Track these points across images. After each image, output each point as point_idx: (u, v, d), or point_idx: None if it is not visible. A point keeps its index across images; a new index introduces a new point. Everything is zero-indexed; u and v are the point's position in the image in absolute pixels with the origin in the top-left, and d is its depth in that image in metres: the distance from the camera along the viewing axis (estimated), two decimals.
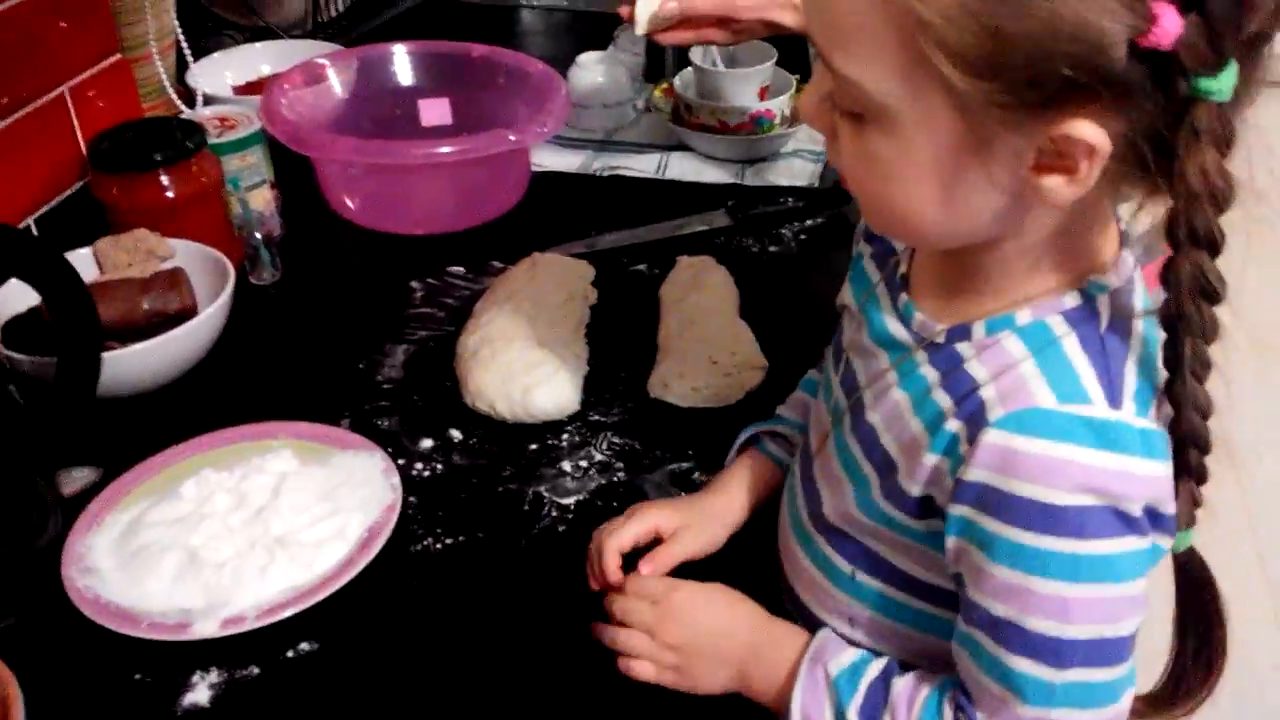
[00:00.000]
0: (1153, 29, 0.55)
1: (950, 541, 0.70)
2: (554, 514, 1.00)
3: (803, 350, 1.04)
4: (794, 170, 1.53)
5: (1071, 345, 0.67)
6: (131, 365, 1.08)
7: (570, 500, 1.01)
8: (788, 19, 1.28)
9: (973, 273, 0.72)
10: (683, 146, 1.58)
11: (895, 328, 0.76)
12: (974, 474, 0.67)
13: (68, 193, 1.33)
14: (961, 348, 0.71)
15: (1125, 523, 0.65)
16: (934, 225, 0.67)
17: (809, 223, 1.42)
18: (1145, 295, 0.71)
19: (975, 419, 0.67)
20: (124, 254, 1.19)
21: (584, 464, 1.05)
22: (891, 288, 0.79)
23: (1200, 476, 0.67)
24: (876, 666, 0.78)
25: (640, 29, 1.29)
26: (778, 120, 1.54)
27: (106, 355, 1.02)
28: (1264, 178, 0.61)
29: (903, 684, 0.76)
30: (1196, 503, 0.68)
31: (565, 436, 1.08)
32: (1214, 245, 0.60)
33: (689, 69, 1.59)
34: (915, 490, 0.72)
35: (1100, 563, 0.65)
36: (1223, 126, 0.58)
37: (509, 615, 0.91)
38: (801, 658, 0.80)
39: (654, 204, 1.45)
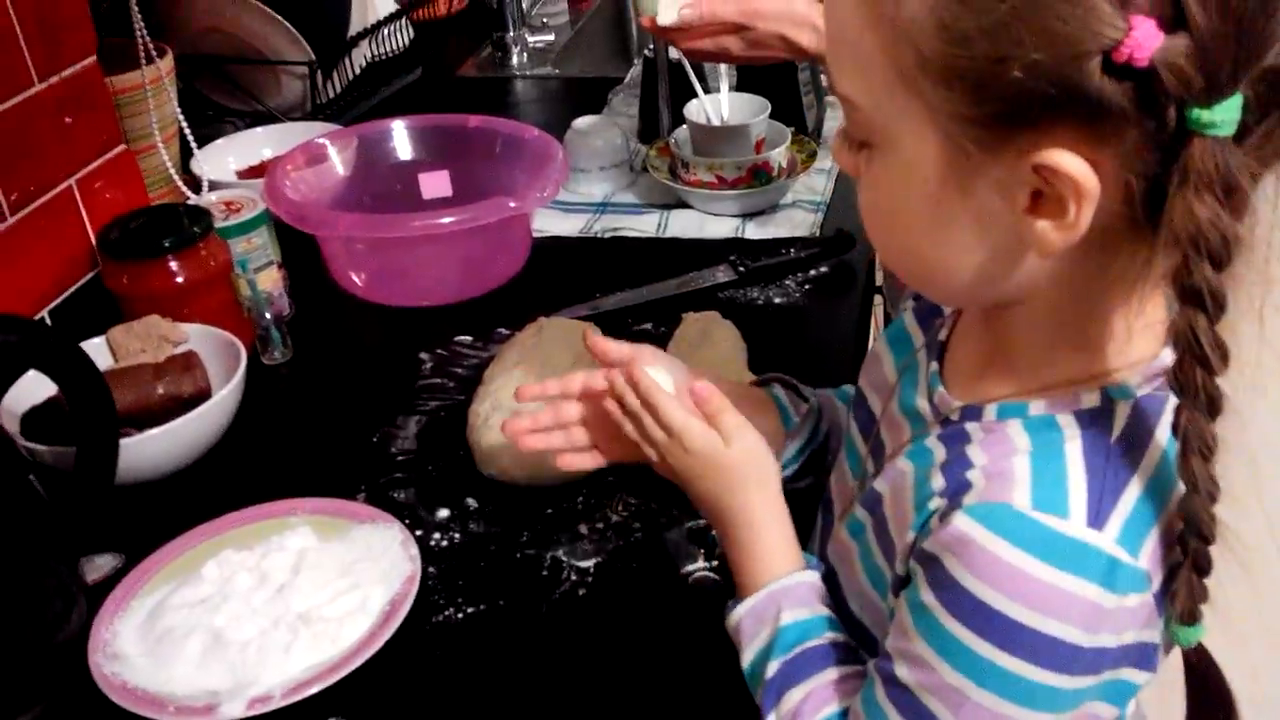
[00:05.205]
0: (1125, 41, 0.51)
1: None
2: (573, 578, 1.00)
3: None
4: (795, 221, 1.54)
5: (1074, 450, 0.63)
6: (149, 450, 1.09)
7: (589, 563, 1.01)
8: (805, 39, 1.28)
9: (998, 344, 0.70)
10: (682, 204, 1.59)
11: (920, 402, 0.75)
12: (930, 545, 0.65)
13: (80, 283, 1.35)
14: (971, 428, 0.69)
15: (1053, 653, 0.61)
16: (940, 269, 0.65)
17: (813, 272, 1.42)
18: None
19: (955, 500, 0.65)
20: (137, 341, 1.20)
21: (601, 525, 1.05)
22: (930, 353, 0.77)
23: (1201, 567, 0.61)
24: (825, 639, 0.78)
25: (664, 19, 1.29)
26: (775, 172, 1.55)
27: (124, 442, 1.03)
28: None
29: (833, 676, 0.76)
30: (1198, 598, 0.61)
31: (581, 498, 1.08)
32: (1203, 304, 0.54)
33: (684, 127, 1.60)
34: (900, 569, 0.70)
35: (1012, 681, 0.62)
36: (1219, 170, 0.51)
37: (533, 683, 0.91)
38: (769, 580, 0.81)
39: (657, 262, 1.46)
